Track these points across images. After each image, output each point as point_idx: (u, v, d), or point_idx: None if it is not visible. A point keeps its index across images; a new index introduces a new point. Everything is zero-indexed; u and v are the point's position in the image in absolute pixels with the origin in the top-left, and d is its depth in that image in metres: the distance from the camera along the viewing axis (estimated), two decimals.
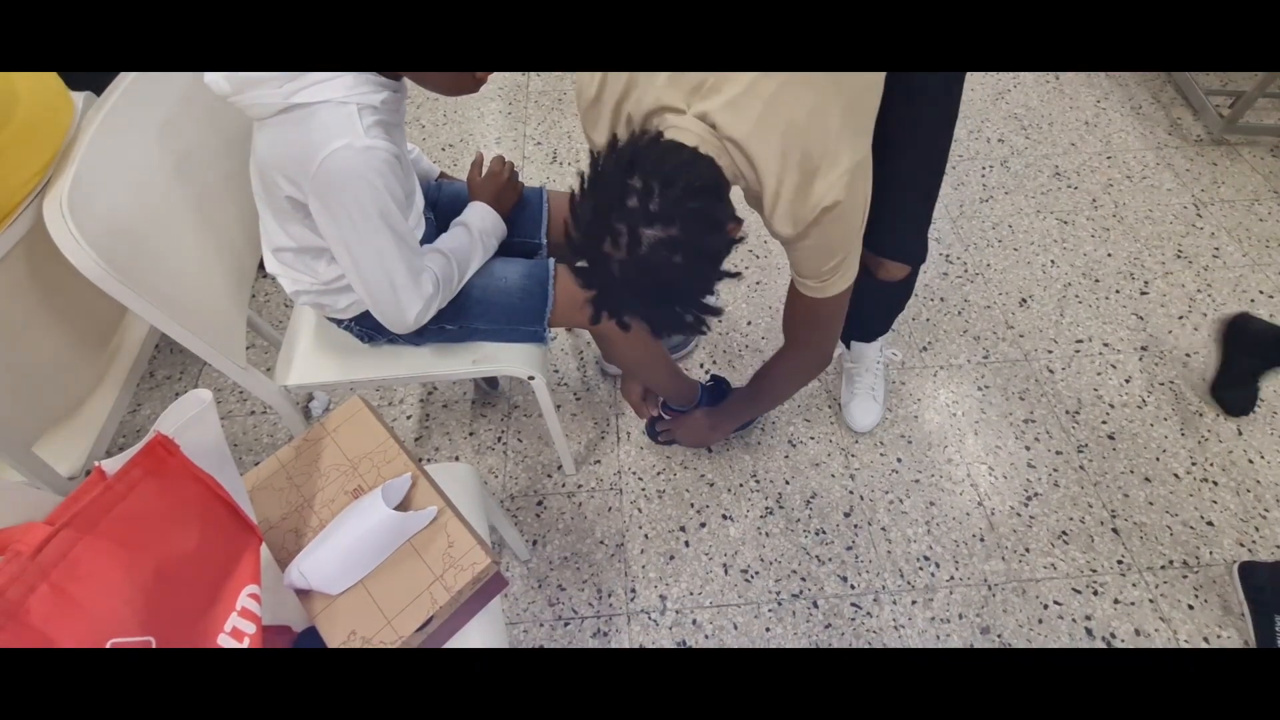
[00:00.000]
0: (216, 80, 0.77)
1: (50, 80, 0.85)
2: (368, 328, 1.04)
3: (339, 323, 1.05)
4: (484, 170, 1.11)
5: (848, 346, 1.47)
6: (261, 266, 1.08)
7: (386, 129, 0.82)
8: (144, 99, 0.89)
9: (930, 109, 0.94)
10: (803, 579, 1.25)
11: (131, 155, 0.87)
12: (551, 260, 1.07)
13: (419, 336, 1.05)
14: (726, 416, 1.28)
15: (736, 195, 0.79)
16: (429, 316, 0.93)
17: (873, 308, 1.37)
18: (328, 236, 0.84)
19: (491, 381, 1.53)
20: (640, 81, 0.76)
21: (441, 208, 1.14)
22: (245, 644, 0.62)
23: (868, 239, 0.85)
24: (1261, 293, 1.62)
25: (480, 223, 1.03)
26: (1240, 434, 1.39)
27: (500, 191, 1.09)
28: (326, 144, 0.76)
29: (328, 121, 0.77)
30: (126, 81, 0.87)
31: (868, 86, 0.78)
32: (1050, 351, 1.55)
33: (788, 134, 0.73)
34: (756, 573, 1.26)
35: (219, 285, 0.99)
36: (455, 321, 1.04)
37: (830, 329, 0.98)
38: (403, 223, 0.85)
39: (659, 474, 1.39)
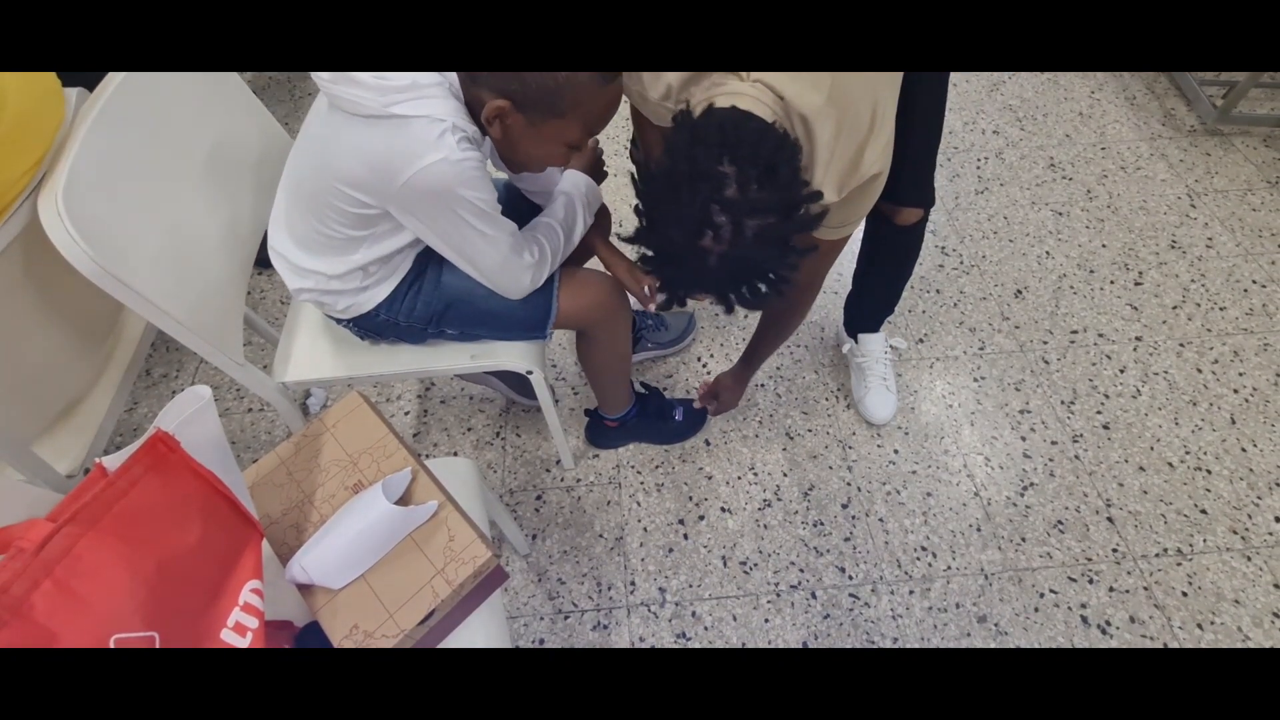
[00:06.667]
0: None
1: (41, 75, 0.85)
2: (365, 329, 1.04)
3: (340, 321, 1.05)
4: None
5: (855, 339, 1.47)
6: (258, 262, 1.08)
7: (474, 145, 0.82)
8: (138, 95, 0.89)
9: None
10: (801, 570, 1.26)
11: (127, 150, 0.87)
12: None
13: (419, 337, 1.05)
14: (746, 373, 1.32)
15: None
16: (543, 279, 0.98)
17: (883, 290, 1.38)
18: (424, 236, 0.88)
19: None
20: None
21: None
22: (248, 639, 0.63)
23: (884, 190, 0.87)
24: (1255, 282, 1.63)
25: (584, 195, 1.05)
26: (1233, 423, 1.40)
27: (592, 166, 1.10)
28: (421, 157, 0.76)
29: (422, 136, 0.76)
30: (120, 77, 0.87)
31: None
32: (1045, 342, 1.55)
33: (848, 107, 0.71)
34: (755, 564, 1.27)
35: (216, 281, 0.98)
36: (456, 327, 1.04)
37: (830, 264, 1.06)
38: (495, 208, 0.87)
39: (657, 468, 1.40)
